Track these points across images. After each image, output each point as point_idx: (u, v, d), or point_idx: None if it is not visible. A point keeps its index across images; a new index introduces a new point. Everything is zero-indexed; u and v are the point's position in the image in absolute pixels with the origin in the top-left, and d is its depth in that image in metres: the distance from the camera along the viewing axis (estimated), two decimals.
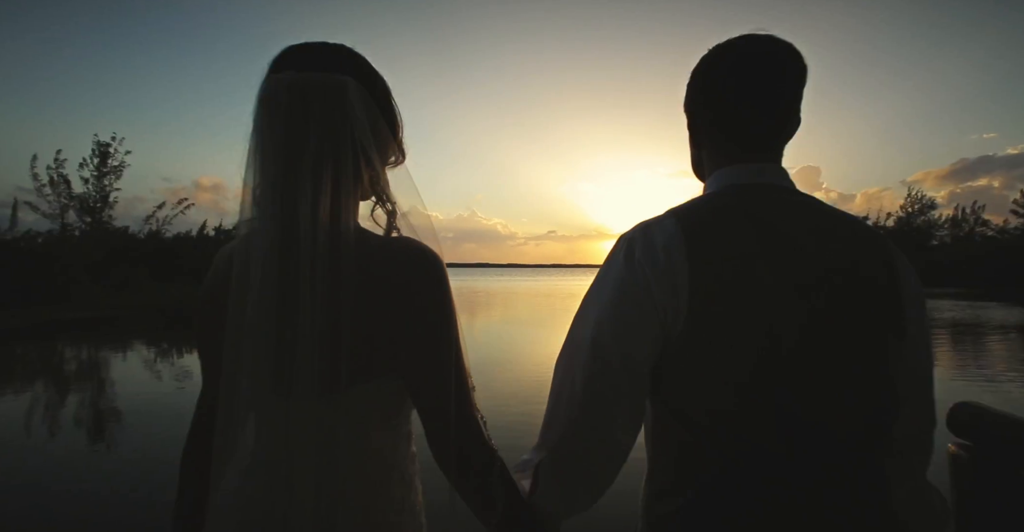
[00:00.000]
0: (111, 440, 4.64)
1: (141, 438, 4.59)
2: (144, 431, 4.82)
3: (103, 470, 3.82)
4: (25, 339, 11.82)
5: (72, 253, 20.34)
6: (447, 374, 0.64)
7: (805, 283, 0.69)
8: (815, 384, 0.68)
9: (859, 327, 0.70)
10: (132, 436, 4.72)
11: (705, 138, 0.81)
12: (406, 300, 0.65)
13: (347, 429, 0.66)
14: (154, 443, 4.33)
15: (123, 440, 4.59)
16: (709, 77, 0.78)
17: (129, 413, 5.51)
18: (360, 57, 0.73)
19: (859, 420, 0.69)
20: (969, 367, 8.19)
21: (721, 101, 0.77)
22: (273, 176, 0.65)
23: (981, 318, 16.20)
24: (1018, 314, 17.28)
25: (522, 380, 6.70)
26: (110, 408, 5.84)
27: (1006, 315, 17.07)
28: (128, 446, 4.39)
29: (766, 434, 0.67)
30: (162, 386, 7.00)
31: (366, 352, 0.65)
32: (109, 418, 5.43)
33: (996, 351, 10.16)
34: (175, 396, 6.24)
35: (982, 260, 38.36)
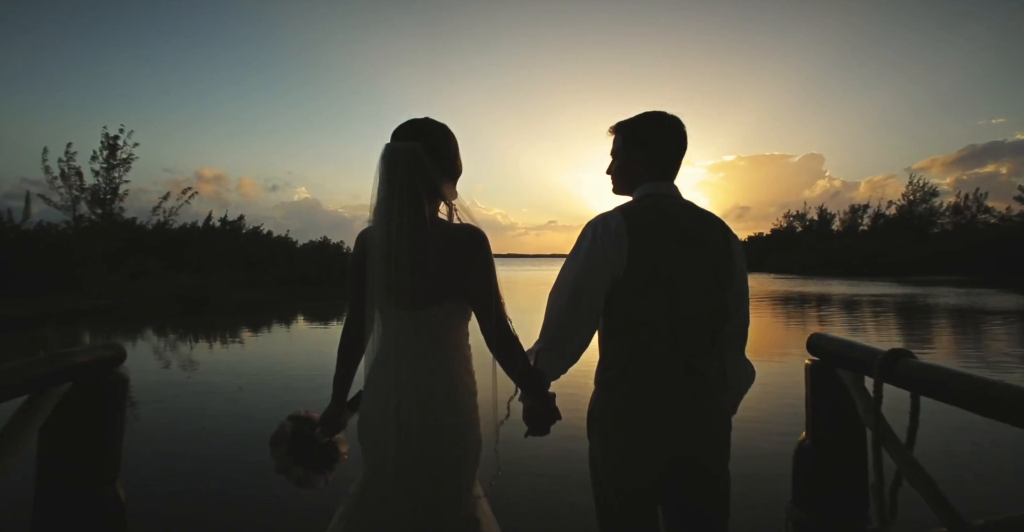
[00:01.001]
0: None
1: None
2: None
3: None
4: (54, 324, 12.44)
5: (88, 243, 20.93)
6: (492, 296, 1.16)
7: (686, 247, 1.22)
8: (690, 302, 1.19)
9: (712, 270, 1.23)
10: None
11: (635, 168, 1.31)
12: (467, 256, 1.18)
13: (433, 329, 1.18)
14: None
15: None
16: (650, 134, 1.31)
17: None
18: (430, 127, 1.23)
19: (711, 322, 1.22)
20: (962, 350, 8.61)
21: (653, 148, 1.30)
22: (381, 197, 1.17)
23: (976, 304, 16.65)
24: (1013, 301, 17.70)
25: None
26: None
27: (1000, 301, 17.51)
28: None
29: (662, 330, 1.18)
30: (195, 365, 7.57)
31: (444, 285, 1.17)
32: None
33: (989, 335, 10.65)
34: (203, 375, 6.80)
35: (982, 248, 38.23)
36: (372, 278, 1.16)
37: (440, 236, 1.18)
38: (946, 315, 14.04)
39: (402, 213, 1.15)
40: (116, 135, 26.96)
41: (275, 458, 1.30)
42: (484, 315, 1.16)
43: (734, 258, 1.26)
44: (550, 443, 3.85)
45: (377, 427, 1.17)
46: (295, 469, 1.29)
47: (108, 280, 20.41)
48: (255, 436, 3.92)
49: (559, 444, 3.69)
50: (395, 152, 1.17)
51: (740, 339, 1.30)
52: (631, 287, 1.19)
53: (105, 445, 1.35)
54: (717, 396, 1.23)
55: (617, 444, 1.21)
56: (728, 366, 1.27)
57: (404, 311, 1.16)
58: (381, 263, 1.16)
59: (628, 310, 1.20)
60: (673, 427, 1.18)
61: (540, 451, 3.52)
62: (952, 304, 16.94)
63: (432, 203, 1.21)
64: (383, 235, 1.16)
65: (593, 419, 1.26)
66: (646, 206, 1.25)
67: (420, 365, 1.17)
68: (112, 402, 1.37)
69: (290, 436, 1.31)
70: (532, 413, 1.23)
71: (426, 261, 1.15)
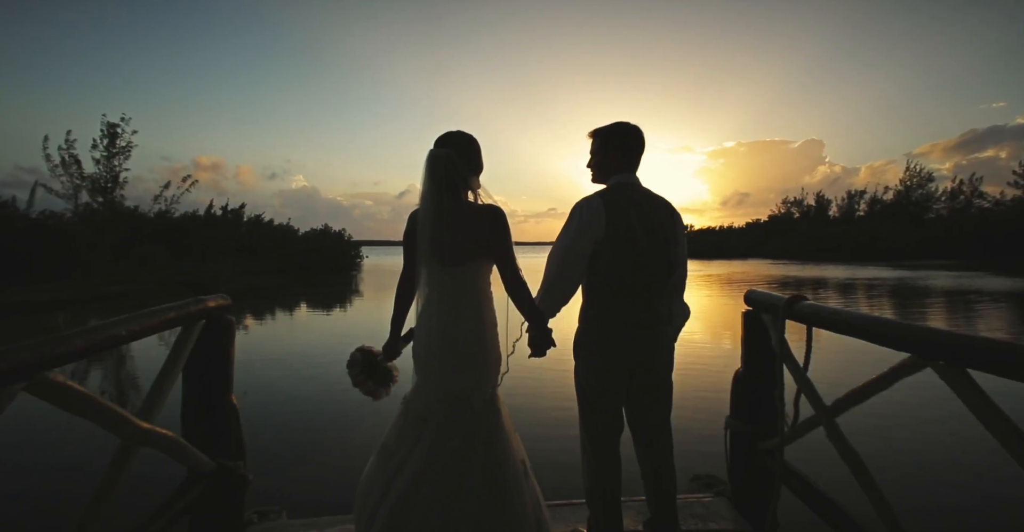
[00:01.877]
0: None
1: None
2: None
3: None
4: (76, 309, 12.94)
5: (95, 231, 21.32)
6: (510, 254, 1.65)
7: (645, 221, 1.71)
8: (647, 260, 1.69)
9: (664, 239, 1.73)
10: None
11: (610, 163, 1.79)
12: (490, 225, 1.65)
13: (465, 280, 1.66)
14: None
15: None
16: (620, 139, 1.79)
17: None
18: (459, 138, 1.70)
19: (661, 274, 1.72)
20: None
21: (624, 146, 1.78)
22: (426, 187, 1.65)
23: (961, 286, 17.35)
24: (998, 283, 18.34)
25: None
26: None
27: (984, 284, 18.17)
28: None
29: (628, 280, 1.68)
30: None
31: (472, 247, 1.64)
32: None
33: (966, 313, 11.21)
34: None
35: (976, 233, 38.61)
36: (420, 244, 1.65)
37: (468, 214, 1.66)
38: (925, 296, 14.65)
39: (440, 199, 1.64)
40: (116, 123, 27.00)
41: (352, 377, 1.80)
42: (503, 267, 1.65)
43: (677, 230, 1.77)
44: (544, 411, 4.45)
45: (426, 349, 1.67)
46: (367, 383, 1.79)
47: (115, 267, 20.86)
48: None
49: (551, 413, 4.29)
50: (435, 156, 1.65)
51: (681, 287, 1.81)
52: (607, 249, 1.68)
53: (225, 365, 1.87)
54: (664, 326, 1.74)
55: (596, 360, 1.72)
56: (673, 306, 1.78)
57: (444, 267, 1.65)
58: (427, 233, 1.65)
59: (605, 265, 1.69)
60: (634, 346, 1.69)
61: (535, 417, 4.12)
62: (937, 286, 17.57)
63: (462, 191, 1.69)
64: (427, 214, 1.64)
65: (578, 345, 1.77)
66: (617, 192, 1.75)
67: (456, 305, 1.66)
68: (228, 335, 1.88)
69: (361, 361, 1.80)
70: (535, 340, 1.73)
71: (458, 231, 1.64)
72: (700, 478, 2.46)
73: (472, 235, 1.64)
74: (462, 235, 1.64)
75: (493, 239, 1.63)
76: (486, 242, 1.64)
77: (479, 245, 1.65)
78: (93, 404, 1.25)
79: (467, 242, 1.64)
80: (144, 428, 1.41)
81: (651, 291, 1.72)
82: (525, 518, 1.55)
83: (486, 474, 1.57)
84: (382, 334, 1.82)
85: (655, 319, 1.72)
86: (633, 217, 1.71)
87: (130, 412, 1.38)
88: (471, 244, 1.65)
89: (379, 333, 1.89)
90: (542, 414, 4.25)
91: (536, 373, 5.37)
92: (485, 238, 1.64)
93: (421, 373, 1.70)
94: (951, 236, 40.42)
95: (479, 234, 1.64)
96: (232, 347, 1.91)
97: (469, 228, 1.65)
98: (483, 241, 1.64)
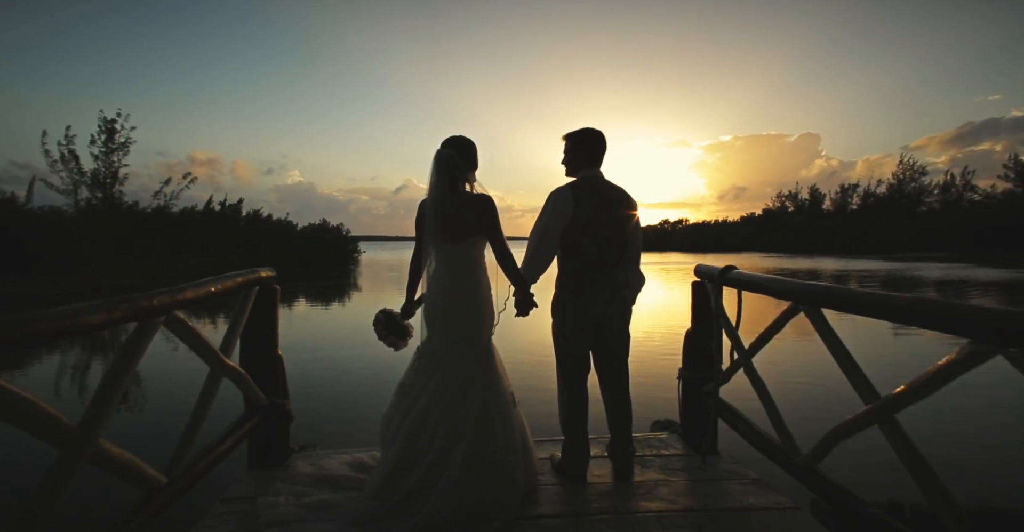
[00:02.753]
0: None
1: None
2: None
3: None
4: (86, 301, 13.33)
5: (97, 226, 21.65)
6: (499, 232, 2.10)
7: (605, 206, 2.18)
8: (607, 236, 2.17)
9: (621, 222, 2.20)
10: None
11: (579, 161, 2.25)
12: (484, 210, 2.10)
13: (465, 253, 2.12)
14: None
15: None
16: (586, 142, 2.24)
17: None
18: (461, 141, 2.15)
19: (618, 248, 2.20)
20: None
21: (590, 147, 2.24)
22: (433, 180, 2.11)
23: (949, 276, 17.95)
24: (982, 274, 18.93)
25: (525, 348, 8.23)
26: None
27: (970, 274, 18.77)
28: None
29: (592, 252, 2.15)
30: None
31: (470, 227, 2.10)
32: None
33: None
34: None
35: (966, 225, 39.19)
36: (429, 226, 2.11)
37: (466, 201, 2.11)
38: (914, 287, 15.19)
39: (444, 189, 2.09)
40: (113, 119, 27.07)
41: (376, 332, 2.26)
42: (494, 243, 2.12)
43: (632, 214, 2.24)
44: (523, 381, 5.06)
45: (435, 307, 2.14)
46: (389, 337, 2.25)
47: (118, 262, 21.23)
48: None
49: (527, 382, 4.84)
50: (441, 155, 2.10)
51: (636, 260, 2.28)
52: (574, 229, 2.15)
53: (272, 322, 2.33)
54: (622, 290, 2.21)
55: (569, 317, 2.20)
56: (629, 274, 2.25)
57: (448, 243, 2.11)
58: (433, 217, 2.10)
59: (573, 242, 2.16)
60: (598, 305, 2.17)
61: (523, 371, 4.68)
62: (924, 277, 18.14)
63: (461, 183, 2.15)
64: (434, 201, 2.10)
65: (554, 305, 2.24)
66: (584, 183, 2.21)
67: (458, 273, 2.13)
68: (274, 298, 2.35)
69: (383, 320, 2.27)
70: (520, 302, 2.19)
71: (458, 214, 2.09)
72: (659, 423, 2.95)
73: (469, 217, 2.11)
74: (461, 217, 2.10)
75: (485, 220, 2.10)
76: (480, 223, 2.10)
77: (475, 225, 2.11)
78: (200, 341, 1.72)
79: (465, 223, 2.11)
80: (227, 363, 1.88)
81: (610, 262, 2.19)
82: (512, 432, 2.03)
83: (482, 400, 2.04)
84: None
85: (614, 284, 2.19)
86: (596, 203, 2.17)
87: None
88: (468, 224, 2.11)
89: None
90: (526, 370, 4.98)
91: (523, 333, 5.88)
92: (479, 220, 2.10)
93: (431, 327, 2.17)
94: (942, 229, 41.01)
95: (474, 217, 2.10)
96: (277, 309, 2.38)
97: (467, 212, 2.11)
98: (478, 222, 2.10)
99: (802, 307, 1.75)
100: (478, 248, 2.15)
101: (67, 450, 1.21)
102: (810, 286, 1.73)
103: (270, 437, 2.32)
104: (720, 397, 2.39)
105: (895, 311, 1.40)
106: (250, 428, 2.18)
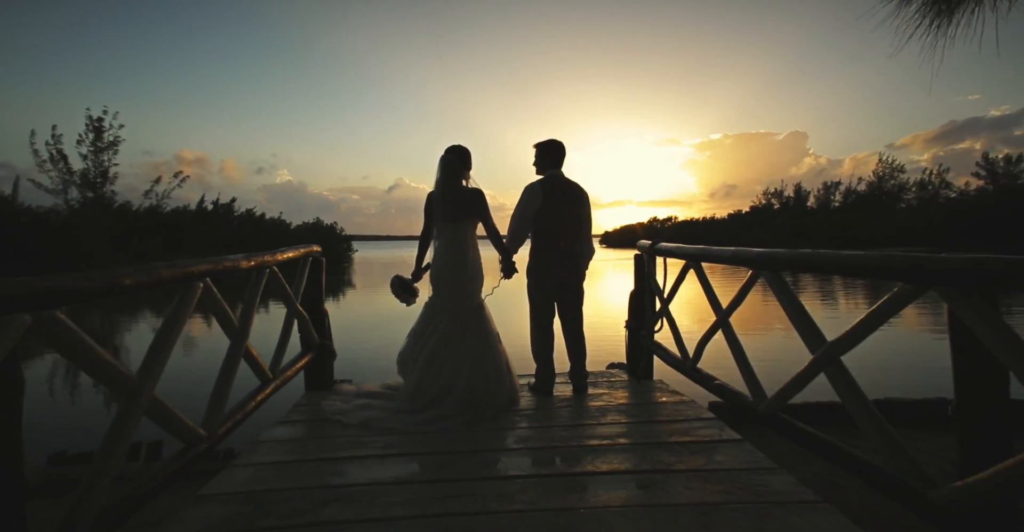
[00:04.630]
0: None
1: None
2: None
3: None
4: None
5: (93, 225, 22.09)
6: (488, 216, 2.91)
7: (565, 195, 3.04)
8: (565, 218, 3.02)
9: (577, 208, 3.06)
10: None
11: (546, 163, 3.08)
12: (476, 200, 2.91)
13: (462, 231, 2.93)
14: None
15: None
16: (551, 149, 3.09)
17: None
18: (460, 149, 2.98)
19: (573, 227, 3.05)
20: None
21: (553, 154, 3.09)
22: (440, 177, 2.94)
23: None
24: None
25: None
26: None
27: None
28: None
29: (554, 231, 3.00)
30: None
31: (465, 211, 2.91)
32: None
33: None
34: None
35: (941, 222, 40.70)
36: (435, 210, 2.91)
37: (463, 192, 2.92)
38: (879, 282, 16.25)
39: (448, 184, 2.90)
40: (100, 117, 26.69)
41: (393, 291, 3.06)
42: (485, 224, 2.92)
43: (584, 202, 3.06)
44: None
45: (439, 272, 2.94)
46: (402, 294, 3.06)
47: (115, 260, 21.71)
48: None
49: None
50: (445, 159, 2.91)
51: (588, 235, 3.11)
52: (542, 213, 2.98)
53: (319, 284, 3.15)
54: (578, 259, 3.05)
55: (540, 278, 3.03)
56: (584, 247, 3.08)
57: (448, 224, 2.91)
58: (439, 203, 2.91)
59: (542, 223, 2.99)
60: (559, 270, 3.00)
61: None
62: None
63: (460, 179, 2.96)
64: (440, 193, 2.90)
65: (529, 270, 3.06)
66: (550, 180, 3.04)
67: (457, 246, 2.93)
68: (321, 268, 3.16)
69: (398, 282, 3.08)
70: (505, 268, 3.00)
71: (457, 202, 2.90)
72: (613, 365, 3.80)
73: (465, 204, 2.93)
74: (459, 204, 2.92)
75: (477, 206, 2.92)
76: (474, 208, 2.93)
77: (470, 210, 2.93)
78: (285, 292, 2.53)
79: (462, 208, 2.92)
80: (298, 307, 2.70)
81: (568, 237, 3.02)
82: (498, 358, 2.85)
83: (476, 338, 2.86)
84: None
85: (571, 254, 3.03)
86: (558, 195, 3.01)
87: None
88: (464, 209, 2.93)
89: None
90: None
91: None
92: (472, 206, 2.92)
93: (436, 287, 2.98)
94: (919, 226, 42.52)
95: (469, 204, 2.93)
96: (323, 275, 3.19)
97: (463, 200, 2.93)
98: (472, 208, 2.93)
99: (691, 265, 2.61)
100: (471, 227, 2.98)
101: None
102: (695, 249, 2.59)
103: (321, 367, 3.13)
104: (654, 339, 3.25)
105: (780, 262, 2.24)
106: (308, 360, 2.99)
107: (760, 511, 1.67)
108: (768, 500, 1.73)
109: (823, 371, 1.70)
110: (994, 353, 1.18)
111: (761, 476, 1.90)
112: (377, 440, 2.35)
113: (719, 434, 2.33)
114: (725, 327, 2.36)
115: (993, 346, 1.18)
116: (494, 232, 2.94)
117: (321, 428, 2.52)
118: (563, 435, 2.39)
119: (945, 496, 1.31)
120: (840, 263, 1.64)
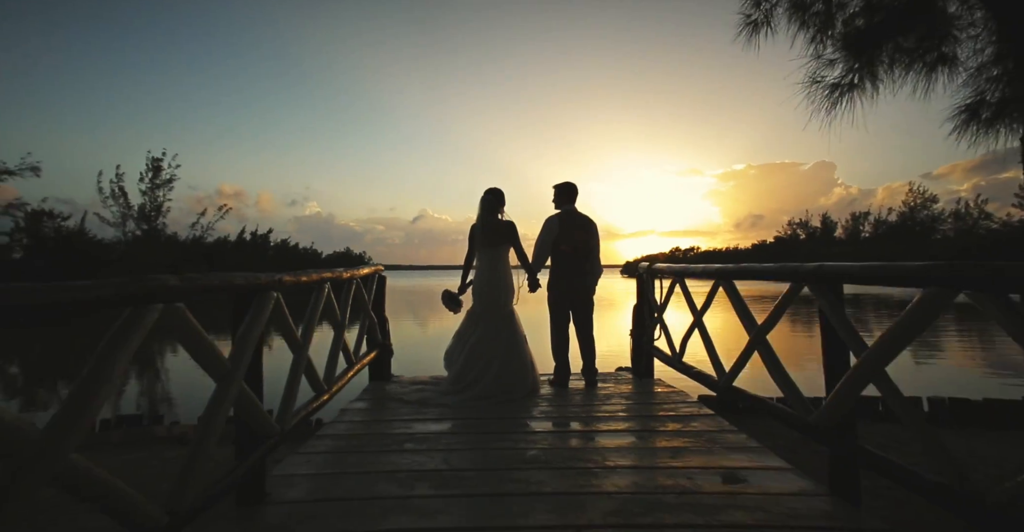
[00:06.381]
0: None
1: None
2: None
3: None
4: None
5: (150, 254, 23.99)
6: (519, 243, 3.68)
7: (579, 227, 3.80)
8: (579, 246, 3.76)
9: (587, 237, 3.81)
10: None
11: (562, 200, 3.86)
12: (508, 230, 3.70)
13: (498, 255, 3.71)
14: None
15: None
16: (566, 189, 3.88)
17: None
18: (495, 190, 3.80)
19: (585, 252, 3.79)
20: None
21: (568, 193, 3.88)
22: (481, 211, 3.76)
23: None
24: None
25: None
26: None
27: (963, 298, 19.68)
28: None
29: (569, 256, 3.75)
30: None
31: (501, 239, 3.70)
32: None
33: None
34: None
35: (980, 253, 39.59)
36: (478, 239, 3.71)
37: (499, 224, 3.71)
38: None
39: (487, 218, 3.70)
40: (159, 157, 29.71)
41: (443, 301, 3.84)
42: (516, 249, 3.69)
43: (594, 232, 3.81)
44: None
45: (480, 287, 3.70)
46: (450, 304, 3.83)
47: None
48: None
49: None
50: (485, 198, 3.72)
51: (596, 257, 3.84)
52: (559, 240, 3.74)
53: (382, 296, 3.96)
54: (587, 277, 3.78)
55: (557, 291, 3.76)
56: (593, 268, 3.81)
57: (488, 249, 3.70)
58: (480, 233, 3.71)
59: (559, 248, 3.75)
60: (573, 286, 3.73)
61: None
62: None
63: (496, 213, 3.76)
64: (481, 225, 3.70)
65: (549, 286, 3.80)
66: (564, 214, 3.81)
67: (493, 267, 3.70)
68: (383, 282, 3.99)
69: (447, 295, 3.85)
70: (530, 284, 3.74)
71: (494, 232, 3.70)
72: (621, 368, 4.45)
73: (500, 233, 3.72)
74: (496, 233, 3.72)
75: (510, 236, 3.70)
76: (507, 237, 3.71)
77: (503, 238, 3.72)
78: (363, 300, 3.34)
79: (498, 237, 3.72)
80: (371, 313, 3.50)
81: (580, 261, 3.77)
82: (524, 355, 3.57)
83: (507, 338, 3.59)
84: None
85: (582, 272, 3.77)
86: (572, 226, 3.78)
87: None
88: (500, 237, 3.72)
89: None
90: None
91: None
92: (506, 235, 3.71)
93: (477, 299, 3.75)
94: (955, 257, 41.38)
95: (503, 233, 3.72)
96: (385, 288, 4.01)
97: (499, 230, 3.72)
98: (505, 236, 3.71)
99: (677, 280, 3.32)
100: (504, 252, 3.76)
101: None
102: (676, 268, 3.30)
103: (381, 363, 3.91)
104: (654, 345, 3.92)
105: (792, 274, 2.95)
106: (372, 357, 3.77)
107: (714, 451, 2.33)
108: (722, 446, 2.38)
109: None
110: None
111: (724, 435, 2.55)
112: (432, 411, 3.09)
113: (698, 410, 2.99)
114: (700, 327, 3.03)
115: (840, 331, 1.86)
116: (523, 255, 3.72)
117: (387, 404, 3.27)
118: (576, 410, 3.08)
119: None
120: (760, 272, 2.34)
